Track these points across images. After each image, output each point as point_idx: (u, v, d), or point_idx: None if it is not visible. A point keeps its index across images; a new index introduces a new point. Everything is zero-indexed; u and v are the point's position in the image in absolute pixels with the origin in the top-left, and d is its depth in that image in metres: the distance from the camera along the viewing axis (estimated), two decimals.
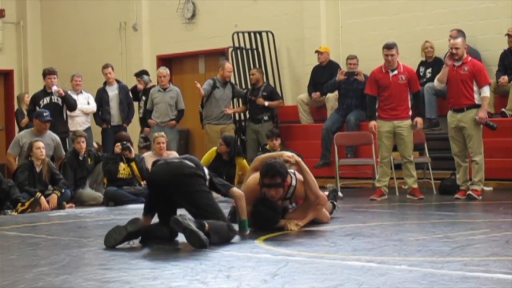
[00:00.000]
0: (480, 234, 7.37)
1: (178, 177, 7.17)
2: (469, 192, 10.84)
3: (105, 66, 14.74)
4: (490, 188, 12.03)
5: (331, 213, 8.96)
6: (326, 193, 9.19)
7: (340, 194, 11.13)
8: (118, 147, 11.88)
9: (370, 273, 5.42)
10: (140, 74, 15.49)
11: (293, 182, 7.92)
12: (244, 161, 12.71)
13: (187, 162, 7.38)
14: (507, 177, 12.28)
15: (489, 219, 8.88)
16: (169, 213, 7.15)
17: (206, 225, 6.84)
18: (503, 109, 12.52)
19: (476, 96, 10.80)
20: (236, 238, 7.40)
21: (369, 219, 9.03)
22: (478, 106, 10.79)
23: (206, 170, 7.49)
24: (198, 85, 14.06)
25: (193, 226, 6.71)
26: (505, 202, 10.32)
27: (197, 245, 6.68)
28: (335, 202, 9.06)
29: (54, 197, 11.15)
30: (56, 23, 19.72)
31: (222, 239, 6.97)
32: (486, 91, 10.82)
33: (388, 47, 11.19)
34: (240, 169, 12.44)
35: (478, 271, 5.33)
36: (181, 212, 7.16)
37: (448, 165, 12.03)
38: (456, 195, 10.97)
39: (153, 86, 14.94)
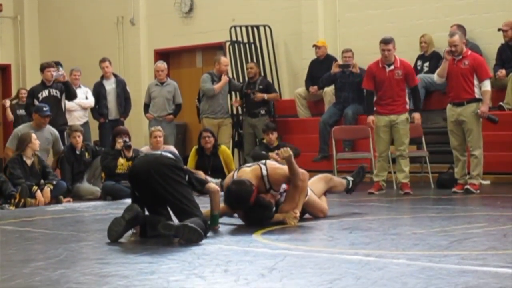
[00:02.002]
0: (478, 228, 7.36)
1: (156, 166, 7.16)
2: (467, 186, 10.83)
3: (103, 60, 14.71)
4: (488, 182, 12.03)
5: (349, 189, 8.91)
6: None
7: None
8: (120, 143, 11.82)
9: (368, 267, 5.42)
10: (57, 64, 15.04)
11: (264, 172, 7.84)
12: (224, 147, 12.73)
13: (166, 154, 7.43)
14: (505, 171, 12.29)
15: (487, 212, 8.88)
16: (155, 204, 7.18)
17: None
18: (500, 103, 12.52)
19: (476, 90, 10.78)
20: (234, 232, 7.41)
21: (367, 213, 9.02)
22: (478, 100, 10.77)
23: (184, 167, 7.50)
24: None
25: (186, 222, 6.71)
26: (503, 196, 10.34)
27: (195, 238, 6.67)
28: (348, 178, 8.98)
29: (47, 191, 11.12)
30: (53, 18, 19.70)
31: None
32: (487, 85, 10.80)
33: (385, 42, 11.17)
34: (225, 158, 12.39)
35: (476, 265, 5.33)
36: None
37: (445, 159, 12.04)
38: (454, 189, 10.96)
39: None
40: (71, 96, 13.24)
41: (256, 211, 7.70)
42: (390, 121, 11.21)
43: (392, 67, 11.18)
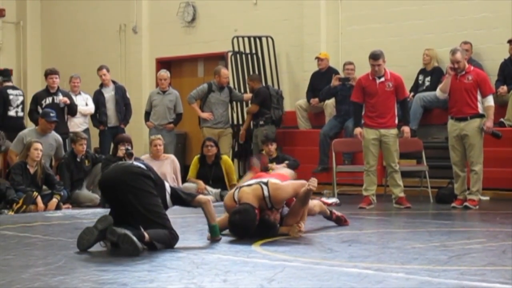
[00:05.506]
0: (477, 244, 7.36)
1: (125, 175, 7.10)
2: (466, 203, 10.81)
3: (100, 68, 14.68)
4: (487, 198, 12.02)
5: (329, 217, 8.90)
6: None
7: (337, 200, 11.27)
8: (122, 151, 11.82)
9: (367, 280, 5.42)
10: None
11: (266, 193, 7.70)
12: (227, 157, 12.76)
13: (138, 163, 7.37)
14: (504, 187, 12.29)
15: (486, 228, 8.88)
16: (123, 213, 7.10)
17: (146, 235, 6.79)
18: (501, 119, 12.52)
19: (479, 105, 10.79)
20: (234, 242, 7.41)
21: (366, 226, 9.03)
22: (481, 116, 10.78)
23: (167, 184, 7.40)
24: (204, 115, 14.25)
25: (128, 232, 6.67)
26: (502, 212, 10.35)
27: (131, 250, 6.59)
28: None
29: (53, 203, 11.14)
30: (56, 24, 19.73)
31: (166, 246, 6.92)
32: (491, 101, 10.82)
33: (375, 57, 11.05)
34: (226, 168, 12.45)
35: (475, 281, 5.33)
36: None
37: (445, 174, 12.04)
38: (453, 204, 10.96)
39: (8, 87, 13.86)
40: (73, 112, 13.43)
41: (261, 231, 7.65)
42: (380, 135, 11.15)
43: (382, 79, 11.10)
